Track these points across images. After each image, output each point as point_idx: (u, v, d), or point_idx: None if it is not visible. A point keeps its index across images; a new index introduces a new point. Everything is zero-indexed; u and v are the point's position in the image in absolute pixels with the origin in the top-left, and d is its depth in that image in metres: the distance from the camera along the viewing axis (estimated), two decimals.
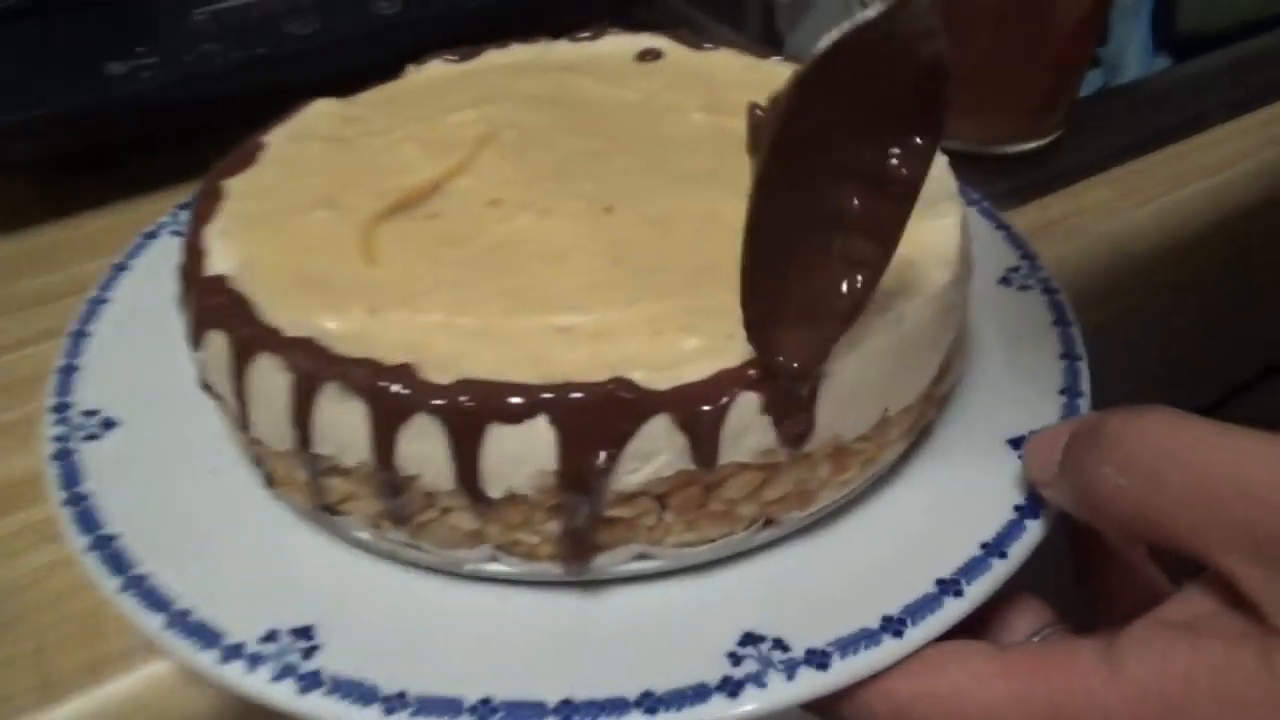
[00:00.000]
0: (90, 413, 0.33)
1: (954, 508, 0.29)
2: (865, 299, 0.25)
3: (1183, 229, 0.49)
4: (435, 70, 0.42)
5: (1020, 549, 0.28)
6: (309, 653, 0.26)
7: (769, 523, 0.28)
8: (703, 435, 0.25)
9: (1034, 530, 0.28)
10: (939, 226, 0.30)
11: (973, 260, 0.32)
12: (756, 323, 0.25)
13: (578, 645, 0.27)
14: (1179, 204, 0.49)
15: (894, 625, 0.26)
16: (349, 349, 0.26)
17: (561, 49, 0.43)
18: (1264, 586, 0.20)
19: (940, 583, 0.27)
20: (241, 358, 0.27)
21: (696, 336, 0.27)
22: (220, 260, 0.30)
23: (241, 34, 0.47)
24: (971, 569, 0.27)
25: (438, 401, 0.25)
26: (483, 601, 0.28)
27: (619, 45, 0.43)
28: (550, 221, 0.32)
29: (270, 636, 0.26)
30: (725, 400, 0.25)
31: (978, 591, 0.27)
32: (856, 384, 0.27)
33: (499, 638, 0.27)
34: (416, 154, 0.35)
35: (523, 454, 0.25)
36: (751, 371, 0.25)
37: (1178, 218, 0.49)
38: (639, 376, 0.25)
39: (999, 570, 0.27)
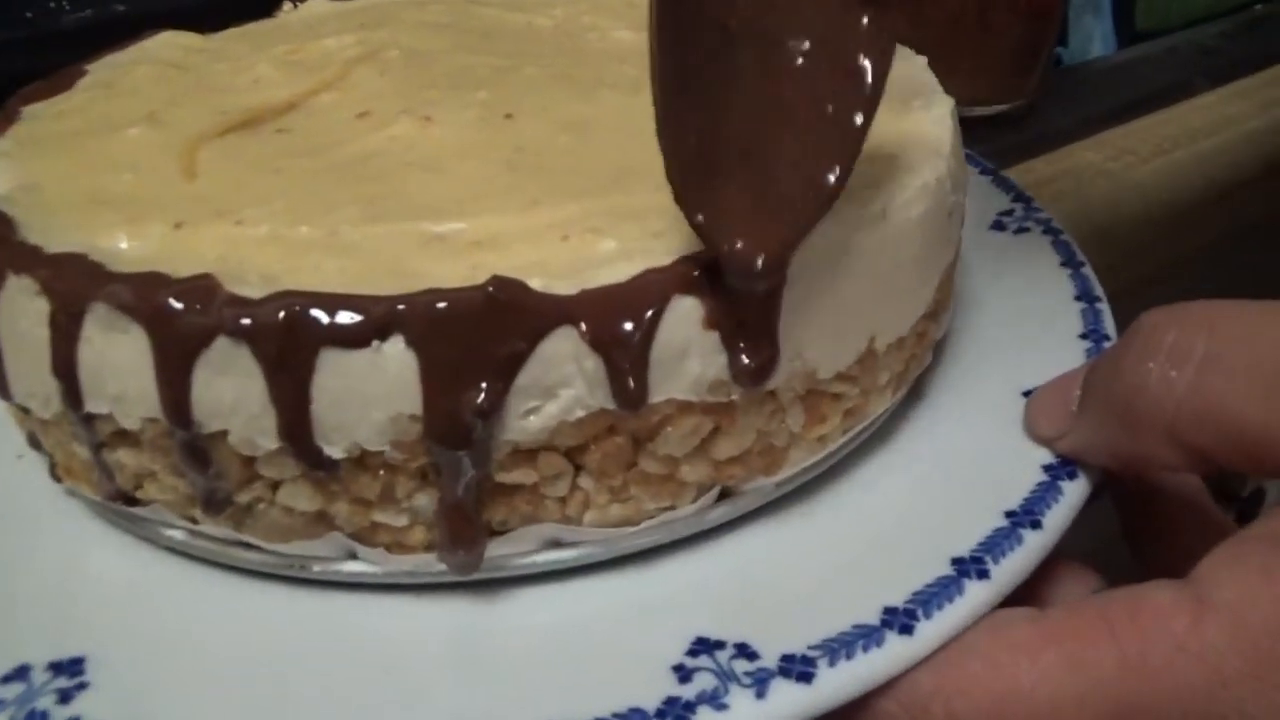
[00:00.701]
0: None
1: (968, 471, 0.22)
2: (846, 168, 0.18)
3: (1175, 193, 0.46)
4: (314, 7, 0.35)
5: (1058, 516, 0.21)
6: (67, 695, 0.18)
7: (726, 494, 0.21)
8: (624, 357, 0.18)
9: (1073, 492, 0.21)
10: (928, 118, 0.24)
11: (967, 171, 0.26)
12: (701, 205, 0.18)
13: (468, 669, 0.19)
14: (1172, 166, 0.46)
15: (900, 619, 0.18)
16: (133, 269, 0.19)
17: None
18: None
19: (958, 562, 0.20)
20: None
21: (614, 238, 0.20)
22: None
23: None
24: (997, 543, 0.20)
25: (245, 320, 0.17)
26: (337, 616, 0.20)
27: None
28: (433, 129, 0.25)
29: (19, 674, 0.18)
30: (654, 308, 0.18)
31: (1008, 571, 0.19)
32: (831, 295, 0.20)
33: (359, 664, 0.19)
34: (273, 74, 0.28)
35: (371, 391, 0.18)
36: (691, 271, 0.18)
37: (1170, 180, 0.46)
38: (538, 283, 0.18)
39: (1032, 544, 0.20)
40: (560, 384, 0.18)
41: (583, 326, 0.18)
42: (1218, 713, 0.16)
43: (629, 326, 0.18)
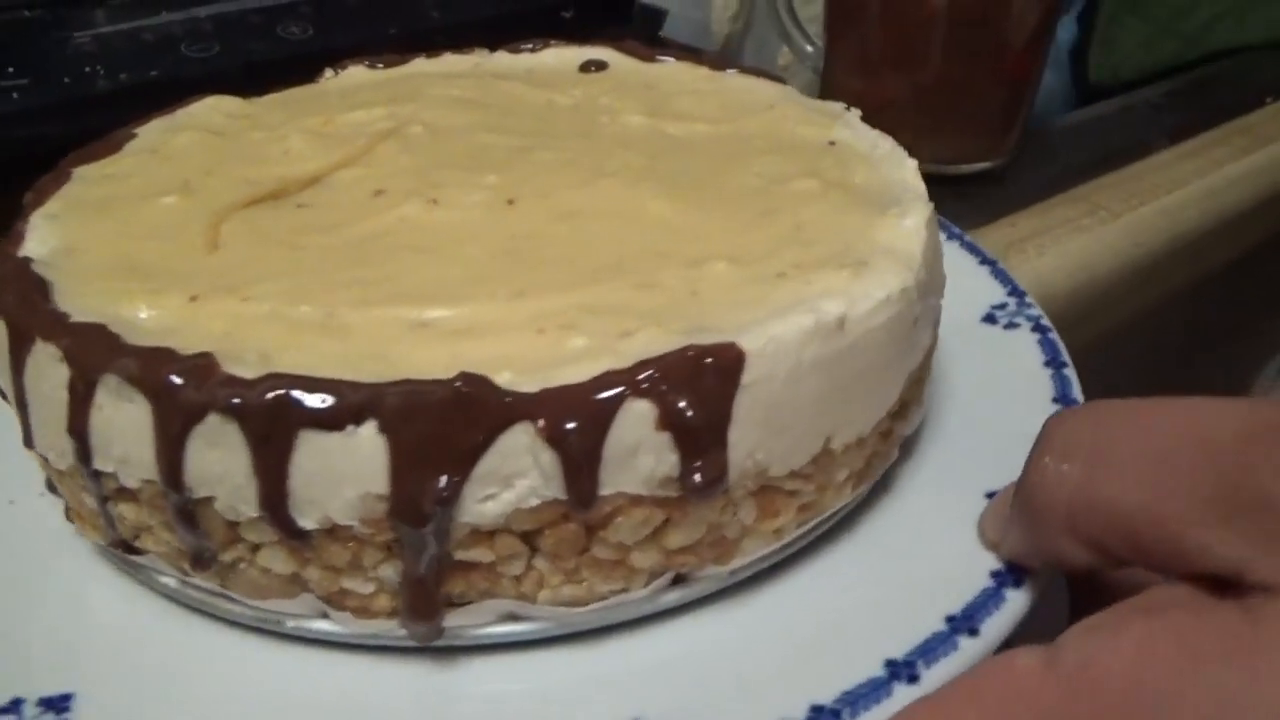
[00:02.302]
0: None
1: (920, 571, 0.23)
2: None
3: (1145, 246, 0.49)
4: (353, 75, 0.38)
5: (997, 625, 0.21)
6: None
7: (679, 579, 0.22)
8: (578, 453, 0.19)
9: (1016, 600, 0.22)
10: (903, 227, 0.25)
11: (943, 277, 0.27)
12: None
13: None
14: (1141, 220, 0.49)
15: (826, 718, 0.19)
16: (148, 340, 0.21)
17: (499, 59, 0.39)
18: (1242, 542, 0.17)
19: (891, 664, 0.20)
20: (18, 347, 0.22)
21: (585, 336, 0.21)
22: (37, 243, 0.25)
23: (130, 58, 0.43)
24: (932, 648, 0.21)
25: (235, 399, 0.19)
26: (308, 671, 0.22)
27: (562, 57, 0.39)
28: (439, 212, 0.27)
29: (12, 706, 0.20)
30: (609, 409, 0.19)
31: (938, 676, 0.20)
32: (787, 402, 0.21)
33: (326, 716, 0.21)
34: (304, 146, 0.31)
35: (343, 470, 0.19)
36: (648, 374, 0.20)
37: (1141, 234, 0.49)
38: (504, 378, 0.20)
39: (968, 650, 0.21)
40: (516, 474, 0.19)
41: (539, 423, 0.19)
42: None
43: (583, 426, 0.19)
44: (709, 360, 0.20)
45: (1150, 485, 0.18)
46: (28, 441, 0.23)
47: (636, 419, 0.19)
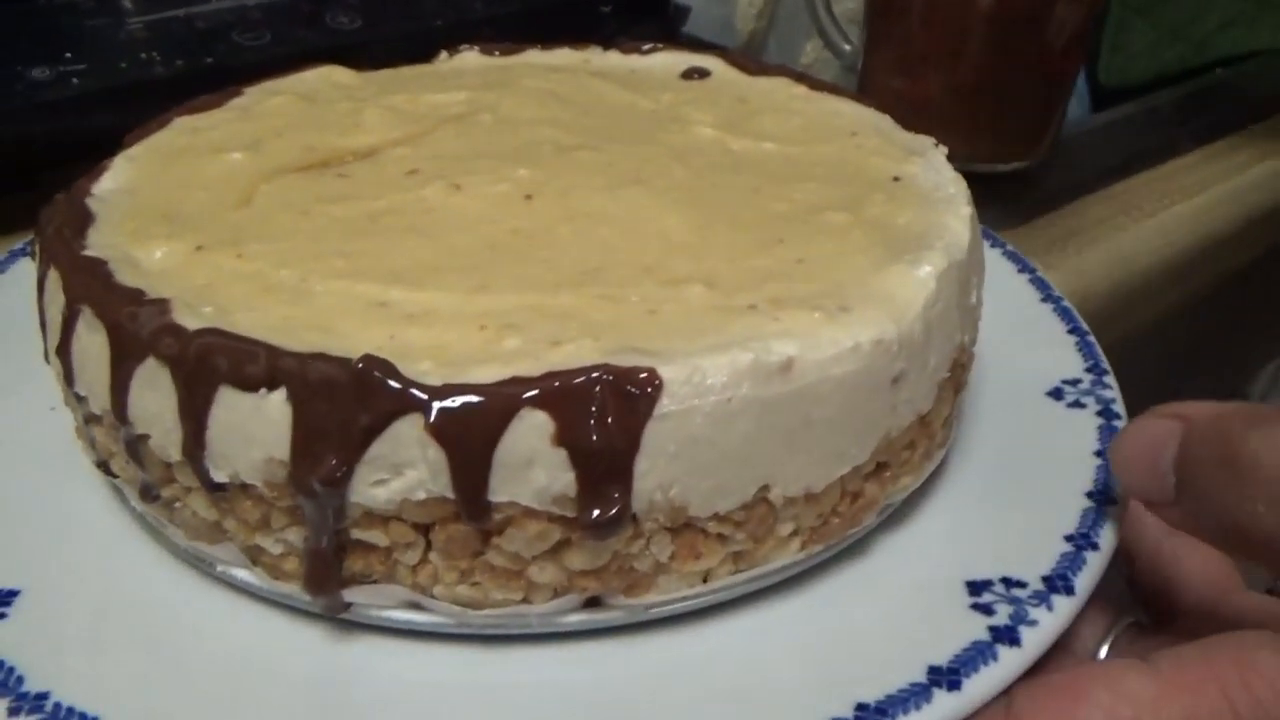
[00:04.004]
0: None
1: (855, 645, 0.21)
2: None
3: (1177, 244, 0.50)
4: (466, 59, 0.39)
5: (984, 681, 0.19)
6: None
7: (595, 601, 0.21)
8: (463, 454, 0.19)
9: (1009, 660, 0.20)
10: (908, 274, 0.23)
11: (959, 336, 0.24)
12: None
13: (318, 702, 0.21)
14: (1171, 219, 0.50)
15: None
16: (134, 279, 0.22)
17: (607, 59, 0.39)
18: None
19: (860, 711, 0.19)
20: (42, 272, 0.24)
21: (520, 337, 0.21)
22: (109, 179, 0.28)
23: (185, 44, 0.45)
24: (905, 701, 0.19)
25: (167, 347, 0.20)
26: (225, 613, 0.23)
27: (667, 62, 0.38)
28: (456, 198, 0.27)
29: None
30: (500, 417, 0.19)
31: None
32: (709, 437, 0.20)
33: (218, 670, 0.21)
34: (376, 120, 0.32)
35: (251, 431, 0.20)
36: (553, 385, 0.19)
37: (1173, 232, 0.50)
38: (423, 367, 0.19)
39: (942, 705, 0.19)
40: (406, 464, 0.19)
41: (431, 417, 0.19)
42: None
43: (472, 427, 0.19)
44: (620, 382, 0.19)
45: None
46: (46, 357, 0.25)
47: (531, 430, 0.19)
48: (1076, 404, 0.29)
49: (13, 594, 0.22)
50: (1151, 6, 0.70)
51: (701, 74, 0.37)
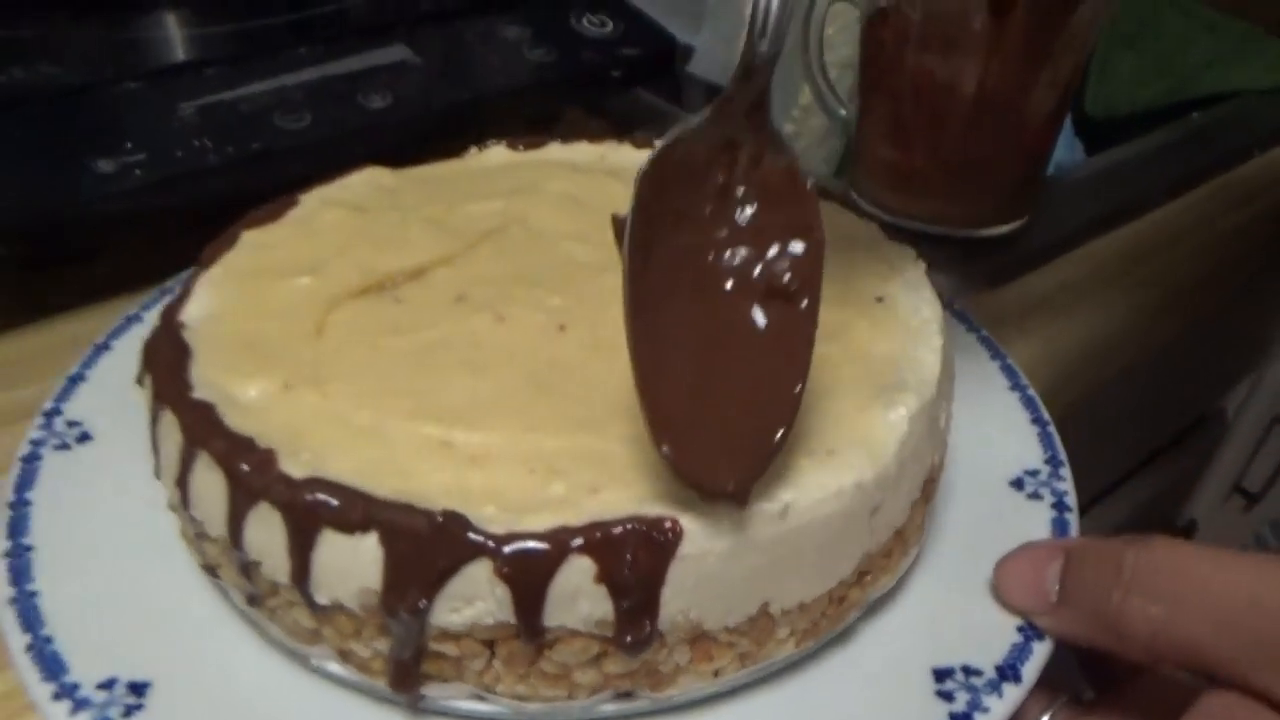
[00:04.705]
0: (73, 423, 0.35)
1: (865, 713, 0.26)
2: (788, 428, 0.23)
3: (1145, 306, 0.54)
4: (494, 155, 0.43)
5: None
6: (130, 711, 0.26)
7: (625, 694, 0.26)
8: (524, 593, 0.23)
9: None
10: (884, 418, 0.27)
11: (928, 461, 0.29)
12: (671, 443, 0.23)
13: None
14: (1137, 280, 0.55)
15: None
16: (241, 421, 0.27)
17: (620, 153, 0.43)
18: None
19: None
20: (154, 407, 0.28)
21: (563, 483, 0.25)
22: (195, 306, 0.32)
23: (232, 129, 0.46)
24: None
25: (280, 495, 0.24)
26: (324, 701, 0.27)
27: None
28: (500, 329, 0.31)
29: (108, 684, 0.27)
30: (553, 561, 0.23)
31: None
32: (721, 572, 0.24)
33: None
34: (421, 236, 0.36)
35: (349, 567, 0.24)
36: (595, 534, 0.23)
37: (1136, 291, 0.54)
38: (486, 512, 0.24)
39: None
40: (477, 597, 0.24)
41: (498, 562, 0.23)
42: None
43: (531, 572, 0.23)
44: (648, 531, 0.23)
45: (1222, 639, 0.24)
46: (156, 472, 0.30)
47: (579, 571, 0.23)
48: (1035, 495, 0.33)
49: (146, 685, 0.27)
50: (1137, 38, 0.74)
51: None
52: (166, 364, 0.29)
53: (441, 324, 0.31)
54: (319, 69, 0.53)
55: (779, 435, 0.23)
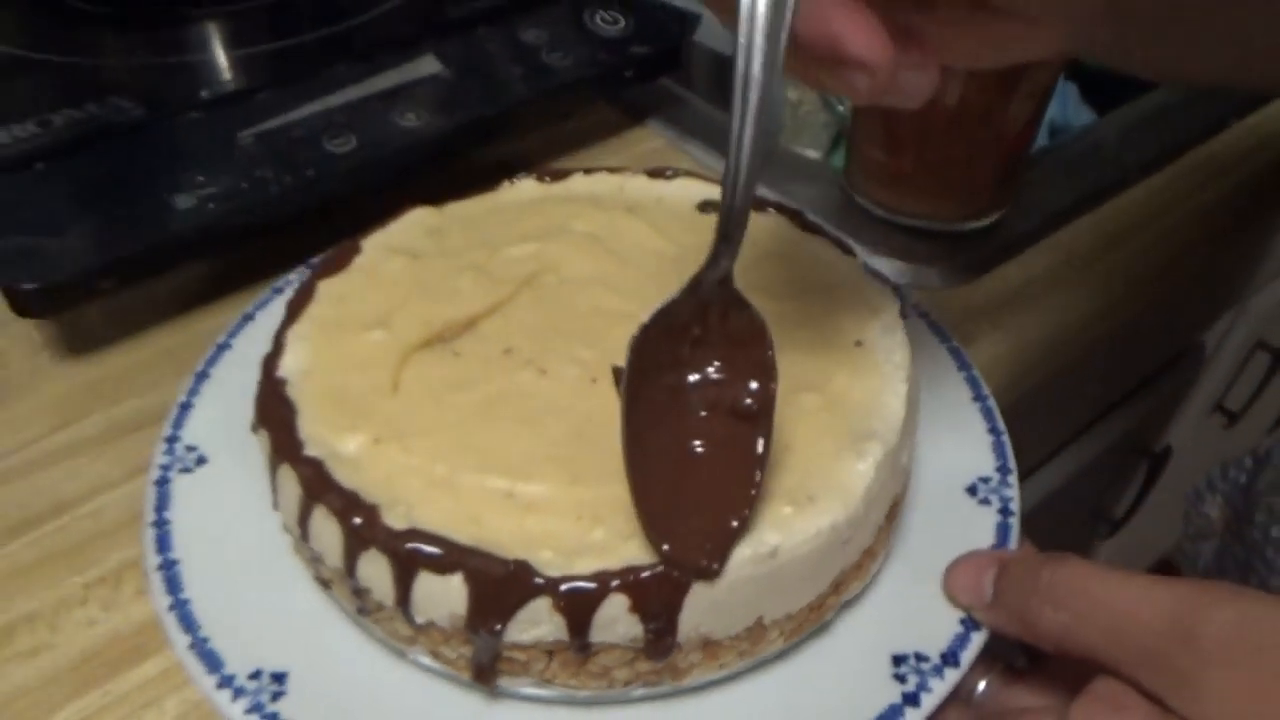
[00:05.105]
0: (191, 448, 0.42)
1: (837, 692, 0.34)
2: (748, 506, 0.31)
3: (1115, 292, 0.59)
4: (525, 189, 0.49)
5: None
6: (276, 695, 0.34)
7: (651, 682, 0.34)
8: (576, 620, 0.31)
9: (911, 717, 0.33)
10: (859, 465, 0.34)
11: (881, 504, 0.36)
12: (654, 527, 0.31)
13: None
14: (1110, 265, 0.60)
15: None
16: (345, 475, 0.34)
17: (636, 184, 0.49)
18: (1161, 688, 0.30)
19: None
20: (274, 460, 0.36)
21: (603, 529, 0.32)
22: (289, 361, 0.39)
23: (287, 157, 0.50)
24: None
25: (385, 544, 0.32)
26: (418, 685, 0.35)
27: (687, 190, 0.48)
28: (543, 382, 0.38)
29: (256, 674, 0.35)
30: (598, 598, 0.31)
31: None
32: (724, 599, 0.32)
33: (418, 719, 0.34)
34: (469, 285, 0.42)
35: (442, 598, 0.32)
36: (629, 577, 0.31)
37: (1111, 277, 0.59)
38: (544, 556, 0.31)
39: None
40: (539, 623, 0.31)
41: (557, 600, 0.31)
42: None
43: (581, 607, 0.31)
44: (669, 572, 0.31)
45: (1111, 646, 0.31)
46: (274, 505, 0.37)
47: (617, 605, 0.31)
48: (985, 501, 0.41)
49: (284, 674, 0.35)
50: None
51: (714, 206, 0.47)
52: (279, 421, 0.36)
53: (495, 378, 0.38)
54: (357, 88, 0.58)
55: (738, 524, 0.31)
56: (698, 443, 0.32)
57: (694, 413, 0.32)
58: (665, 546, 0.31)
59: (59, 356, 0.51)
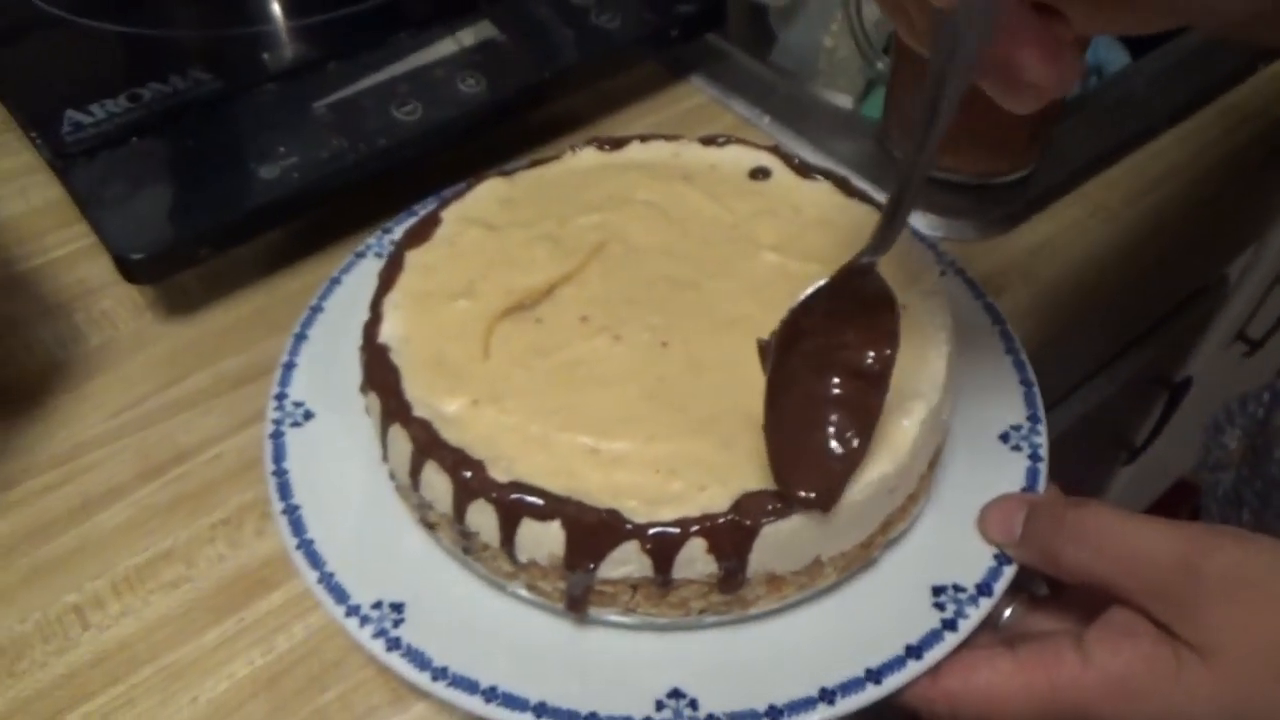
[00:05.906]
0: (298, 404, 0.47)
1: (883, 618, 0.39)
2: (861, 453, 0.36)
3: (1144, 240, 0.62)
4: (586, 158, 0.52)
5: (936, 654, 0.37)
6: (397, 623, 0.39)
7: (721, 612, 0.39)
8: (660, 560, 0.36)
9: (950, 640, 0.37)
10: (900, 425, 0.38)
11: (924, 456, 0.40)
12: (783, 471, 0.35)
13: (565, 662, 0.39)
14: (1139, 218, 0.62)
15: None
16: (451, 434, 0.39)
17: (690, 152, 0.52)
18: (1168, 618, 0.34)
19: (869, 672, 0.37)
20: (385, 420, 0.40)
21: (680, 481, 0.37)
22: (388, 329, 0.43)
23: (360, 126, 0.53)
24: (892, 666, 0.37)
25: (494, 495, 0.37)
26: (517, 613, 0.41)
27: (738, 157, 0.52)
28: (617, 348, 0.42)
29: (378, 605, 0.40)
30: (679, 542, 0.35)
31: (894, 683, 0.36)
32: (788, 542, 0.36)
33: (518, 643, 0.40)
34: (543, 255, 0.46)
35: (542, 541, 0.37)
36: (706, 524, 0.36)
37: (1141, 228, 0.62)
38: (630, 505, 0.36)
39: (912, 668, 0.37)
40: (628, 562, 0.36)
41: (643, 543, 0.36)
42: None
43: (665, 548, 0.35)
44: (741, 520, 0.35)
45: (1127, 580, 0.35)
46: (384, 457, 0.42)
47: (695, 546, 0.36)
48: (1016, 447, 0.45)
49: (402, 604, 0.40)
50: None
51: (765, 174, 0.51)
52: (386, 385, 0.41)
53: (574, 344, 0.42)
54: (418, 55, 0.61)
55: (849, 466, 0.36)
56: (825, 394, 0.37)
57: (825, 371, 0.37)
58: (797, 491, 0.36)
59: (161, 318, 0.56)
